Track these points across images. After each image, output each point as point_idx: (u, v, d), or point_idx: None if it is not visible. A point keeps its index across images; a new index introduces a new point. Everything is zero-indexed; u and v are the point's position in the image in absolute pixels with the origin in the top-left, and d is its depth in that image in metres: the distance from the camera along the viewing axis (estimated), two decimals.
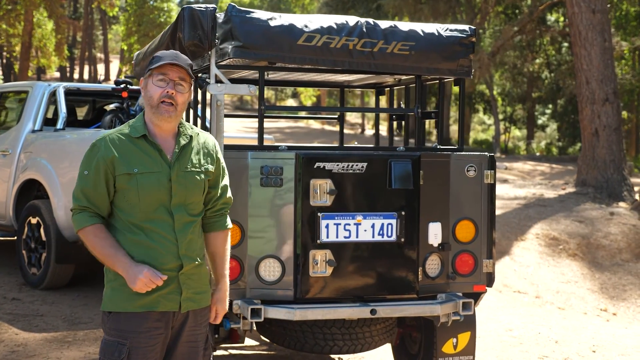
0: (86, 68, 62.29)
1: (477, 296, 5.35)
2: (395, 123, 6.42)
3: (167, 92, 3.44)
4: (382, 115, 12.14)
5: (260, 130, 5.07)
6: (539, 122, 50.52)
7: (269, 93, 75.41)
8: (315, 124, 60.36)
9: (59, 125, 8.56)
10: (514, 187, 19.12)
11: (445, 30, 5.22)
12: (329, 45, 4.95)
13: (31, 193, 8.73)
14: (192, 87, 3.62)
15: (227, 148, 4.81)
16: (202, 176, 3.55)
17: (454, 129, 55.43)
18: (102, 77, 58.92)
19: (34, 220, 8.43)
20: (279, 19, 4.89)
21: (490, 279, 5.29)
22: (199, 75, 5.34)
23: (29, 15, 36.02)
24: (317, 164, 4.85)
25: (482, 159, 5.24)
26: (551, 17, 39.55)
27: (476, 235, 5.22)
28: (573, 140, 42.65)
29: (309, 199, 4.85)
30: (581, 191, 16.73)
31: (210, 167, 3.60)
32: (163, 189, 3.44)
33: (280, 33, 4.87)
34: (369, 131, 59.18)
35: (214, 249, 3.71)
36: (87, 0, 49.86)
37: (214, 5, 4.75)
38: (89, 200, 3.43)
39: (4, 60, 61.84)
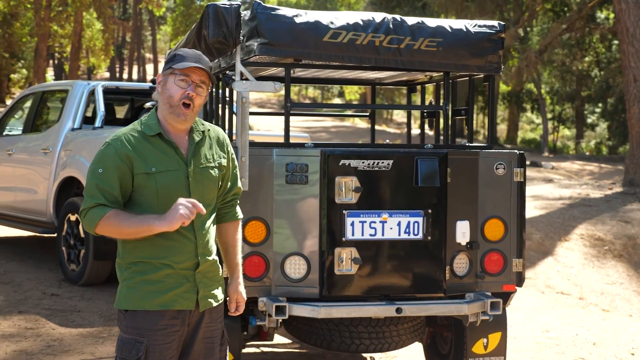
0: (135, 68, 62.96)
1: (506, 296, 5.28)
2: (427, 120, 6.36)
3: (188, 94, 3.40)
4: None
5: (287, 127, 5.06)
6: (589, 121, 49.89)
7: (315, 92, 75.60)
8: (361, 123, 60.23)
9: (97, 123, 8.65)
10: (559, 187, 18.89)
11: (474, 26, 5.16)
12: (355, 41, 4.92)
13: (71, 190, 8.82)
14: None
15: (252, 145, 4.81)
16: (217, 171, 3.54)
17: (502, 127, 55.00)
18: (151, 77, 59.43)
19: (73, 218, 8.53)
20: (305, 16, 4.87)
21: (520, 279, 5.22)
22: (226, 72, 5.34)
23: (79, 16, 36.49)
24: (342, 161, 4.82)
25: (512, 156, 5.17)
26: (601, 14, 39.00)
27: (505, 234, 5.15)
28: (623, 139, 41.99)
29: (334, 196, 4.82)
30: (628, 191, 16.50)
31: (224, 161, 3.57)
32: (181, 186, 3.41)
33: (306, 30, 4.85)
34: (415, 130, 58.98)
35: (227, 240, 3.70)
36: (135, 1, 50.37)
37: (238, 3, 4.74)
38: (106, 197, 3.33)
39: (56, 61, 62.70)
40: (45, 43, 36.01)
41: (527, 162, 27.01)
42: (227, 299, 3.72)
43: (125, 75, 63.60)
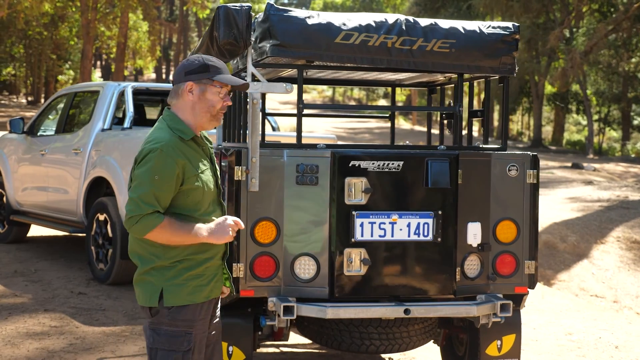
0: None
1: (519, 298, 5.25)
2: (445, 122, 6.34)
3: (226, 103, 3.71)
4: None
5: (299, 128, 5.08)
6: (635, 122, 49.20)
7: (360, 94, 75.59)
8: (405, 124, 60.08)
9: (126, 124, 8.76)
10: (598, 189, 18.70)
11: (488, 27, 5.14)
12: (367, 43, 4.93)
13: (101, 190, 8.94)
14: None
15: (262, 146, 4.85)
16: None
17: (547, 129, 54.49)
18: None
19: (101, 217, 8.64)
20: (317, 18, 4.89)
21: (532, 281, 5.19)
22: (240, 73, 5.38)
23: (125, 17, 36.90)
24: (352, 162, 4.84)
25: (525, 158, 5.13)
26: None
27: (518, 235, 5.12)
28: None
29: (344, 197, 4.84)
30: None
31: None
32: (212, 183, 3.73)
33: (318, 31, 4.87)
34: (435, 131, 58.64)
35: None
36: (182, 2, 50.80)
37: (249, 4, 4.78)
38: (160, 203, 3.54)
39: (103, 62, 63.47)
40: (91, 44, 36.45)
41: (569, 164, 26.73)
42: None
43: (171, 77, 64.19)
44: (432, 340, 5.91)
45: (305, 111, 5.37)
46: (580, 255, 13.47)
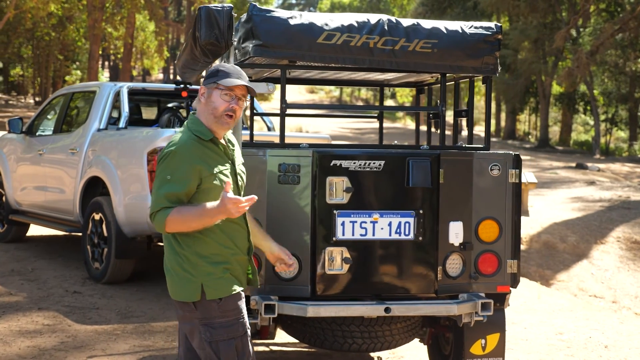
0: None
1: (502, 297, 5.27)
2: (433, 122, 6.36)
3: (232, 107, 3.86)
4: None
5: (282, 128, 5.11)
6: None
7: (368, 94, 75.59)
8: (412, 124, 59.92)
9: (121, 124, 8.81)
10: (600, 189, 18.68)
11: (470, 27, 5.16)
12: (349, 43, 4.96)
13: (97, 190, 8.99)
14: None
15: (245, 145, 4.88)
16: (244, 167, 4.13)
17: (555, 129, 54.37)
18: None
19: (97, 217, 8.69)
20: (299, 18, 4.93)
21: (514, 280, 5.21)
22: None
23: (131, 18, 36.98)
24: (333, 162, 4.87)
25: (507, 158, 5.15)
26: None
27: (500, 235, 5.14)
28: None
29: (325, 196, 4.87)
30: None
31: (243, 160, 4.15)
32: (234, 182, 3.94)
33: (300, 32, 4.90)
34: (463, 132, 58.60)
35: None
36: (189, 3, 50.86)
37: (230, 5, 4.81)
38: (171, 201, 3.75)
39: (111, 63, 63.60)
40: (98, 45, 36.53)
41: (573, 164, 26.69)
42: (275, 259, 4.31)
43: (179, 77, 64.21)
44: (419, 339, 5.95)
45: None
46: (580, 256, 13.48)
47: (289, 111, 5.31)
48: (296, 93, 73.22)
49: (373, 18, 5.05)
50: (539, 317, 7.92)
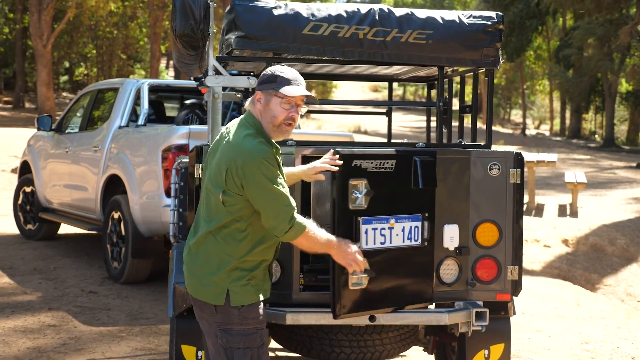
0: None
1: (502, 305, 4.92)
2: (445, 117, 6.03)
3: (291, 115, 3.73)
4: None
5: None
6: None
7: (411, 89, 74.58)
8: (454, 122, 59.12)
9: (140, 121, 8.66)
10: None
11: (469, 17, 4.83)
12: (336, 34, 4.68)
13: (118, 188, 8.85)
14: None
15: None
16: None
17: (622, 128, 53.13)
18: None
19: (116, 215, 8.54)
20: (284, 8, 4.66)
21: (515, 287, 4.84)
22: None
23: None
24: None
25: (507, 156, 4.79)
26: None
27: (500, 239, 4.79)
28: None
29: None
30: None
31: None
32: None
33: (285, 22, 4.64)
34: (532, 131, 57.55)
35: None
36: None
37: None
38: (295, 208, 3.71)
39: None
40: (159, 44, 36.78)
41: (634, 164, 25.88)
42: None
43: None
44: (422, 348, 5.64)
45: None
46: (630, 259, 12.94)
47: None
48: (359, 91, 72.88)
49: (364, 8, 4.76)
50: (566, 325, 7.51)
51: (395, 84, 6.48)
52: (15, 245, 10.56)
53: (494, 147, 5.00)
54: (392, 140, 6.19)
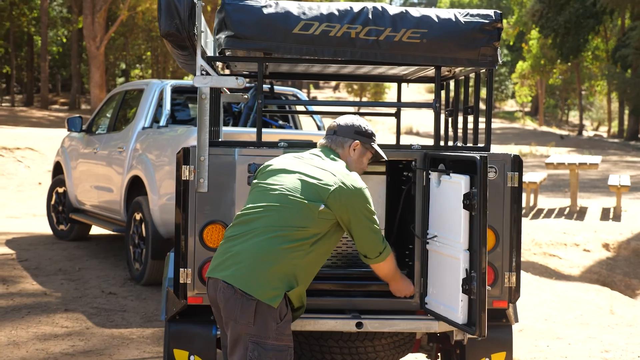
0: None
1: (501, 313, 4.76)
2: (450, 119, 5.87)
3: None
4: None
5: (259, 125, 4.76)
6: None
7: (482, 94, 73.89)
8: (531, 124, 58.45)
9: (162, 122, 8.64)
10: None
11: (465, 15, 4.67)
12: (328, 33, 4.56)
13: (142, 189, 8.84)
14: None
15: (213, 145, 4.55)
16: None
17: None
18: None
19: (138, 217, 8.54)
20: (274, 7, 4.56)
21: (512, 295, 4.67)
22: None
23: None
24: None
25: (505, 159, 4.62)
26: None
27: (496, 244, 4.63)
28: None
29: None
30: None
31: None
32: None
33: (275, 21, 4.54)
34: (589, 132, 56.62)
35: None
36: None
37: None
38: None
39: None
40: None
41: None
42: None
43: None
44: (426, 356, 5.50)
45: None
46: None
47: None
48: (415, 93, 72.39)
49: (357, 6, 4.63)
50: (589, 332, 7.27)
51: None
52: (47, 245, 10.63)
53: (503, 149, 4.84)
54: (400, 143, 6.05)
